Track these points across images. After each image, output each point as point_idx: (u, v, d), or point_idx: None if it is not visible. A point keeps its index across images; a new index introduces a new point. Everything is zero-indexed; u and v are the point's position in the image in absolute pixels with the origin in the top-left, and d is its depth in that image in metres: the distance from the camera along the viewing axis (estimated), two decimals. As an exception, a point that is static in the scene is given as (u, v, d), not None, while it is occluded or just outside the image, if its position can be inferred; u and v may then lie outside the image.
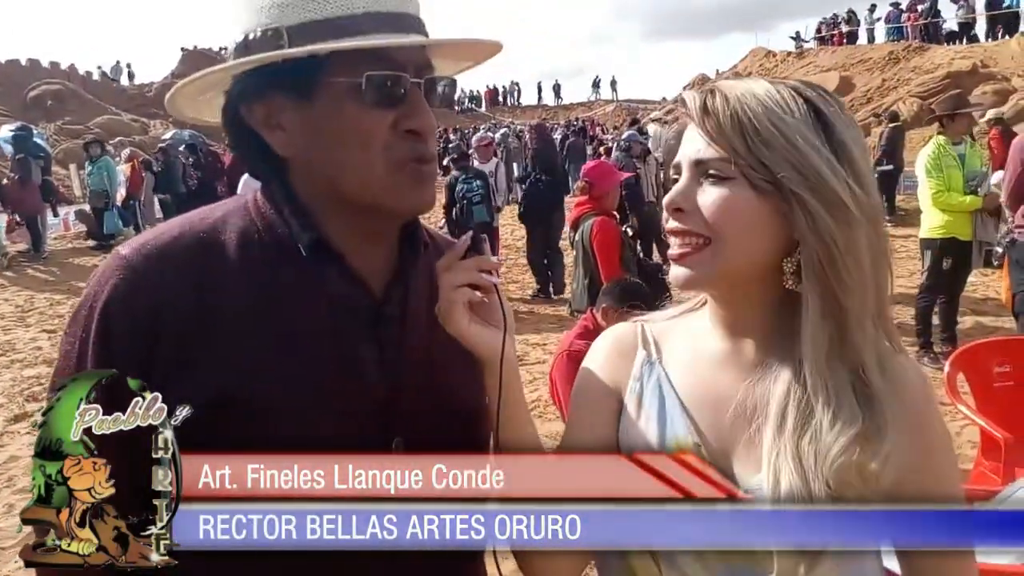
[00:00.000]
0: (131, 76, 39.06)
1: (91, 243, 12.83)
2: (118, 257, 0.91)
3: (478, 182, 7.71)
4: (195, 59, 34.15)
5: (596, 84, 51.02)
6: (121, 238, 13.11)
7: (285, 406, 0.87)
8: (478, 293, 0.90)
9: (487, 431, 0.96)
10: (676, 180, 0.94)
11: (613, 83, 50.59)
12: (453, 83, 0.98)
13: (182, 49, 36.47)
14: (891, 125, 11.62)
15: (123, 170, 13.13)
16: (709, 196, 0.89)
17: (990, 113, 11.26)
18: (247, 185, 8.43)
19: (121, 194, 12.82)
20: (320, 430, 0.88)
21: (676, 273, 0.93)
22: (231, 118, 0.94)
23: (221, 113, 0.95)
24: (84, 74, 35.16)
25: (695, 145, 0.91)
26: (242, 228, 0.94)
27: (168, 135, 18.25)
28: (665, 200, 0.93)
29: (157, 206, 13.31)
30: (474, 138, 10.16)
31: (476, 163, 8.33)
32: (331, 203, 0.93)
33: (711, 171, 0.89)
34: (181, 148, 13.91)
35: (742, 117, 0.87)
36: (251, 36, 0.89)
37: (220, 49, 37.59)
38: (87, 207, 13.39)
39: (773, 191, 0.87)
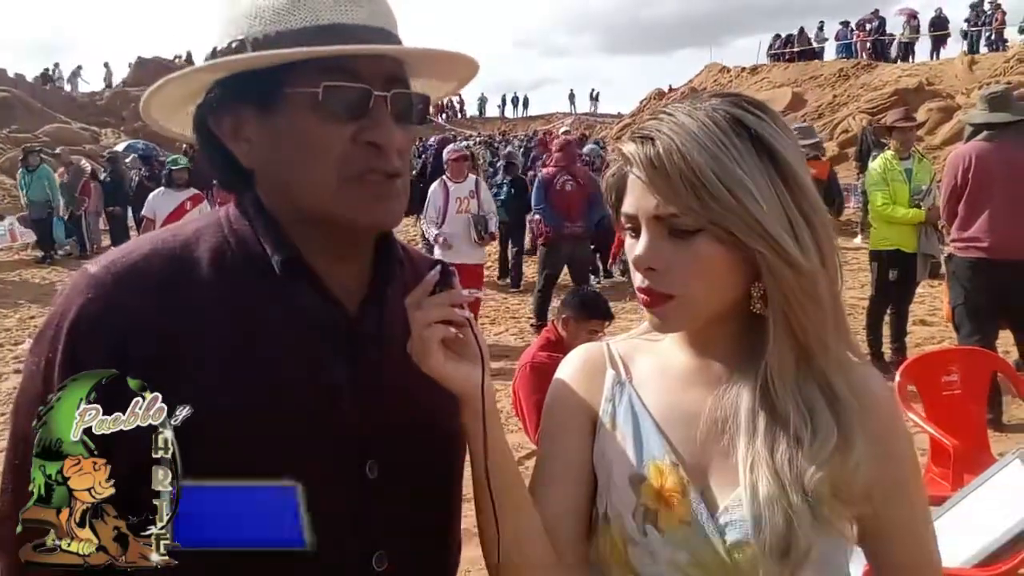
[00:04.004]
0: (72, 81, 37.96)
1: (38, 254, 12.37)
2: (86, 275, 0.87)
3: (506, 188, 9.48)
4: (148, 67, 33.49)
5: (595, 97, 50.96)
6: (67, 248, 12.69)
7: (257, 429, 0.85)
8: (452, 329, 0.88)
9: (463, 455, 0.95)
10: (631, 229, 0.93)
11: (572, 96, 51.03)
12: (426, 99, 0.96)
13: (139, 58, 35.68)
14: None
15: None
16: (679, 254, 0.89)
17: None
18: (150, 203, 7.52)
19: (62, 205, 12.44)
20: (294, 453, 0.87)
21: (651, 321, 0.95)
22: (201, 131, 0.93)
23: (192, 126, 0.94)
24: (33, 79, 34.25)
25: (649, 200, 0.89)
26: (214, 245, 0.91)
27: (121, 146, 17.80)
28: (634, 258, 0.92)
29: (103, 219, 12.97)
30: (445, 151, 7.84)
31: (449, 183, 6.93)
32: (296, 218, 0.91)
33: (674, 226, 0.89)
34: (128, 159, 13.58)
35: (691, 177, 0.85)
36: (218, 49, 0.89)
37: (174, 57, 37.01)
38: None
39: (735, 240, 0.87)
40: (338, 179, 0.86)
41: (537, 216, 7.43)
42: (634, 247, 0.92)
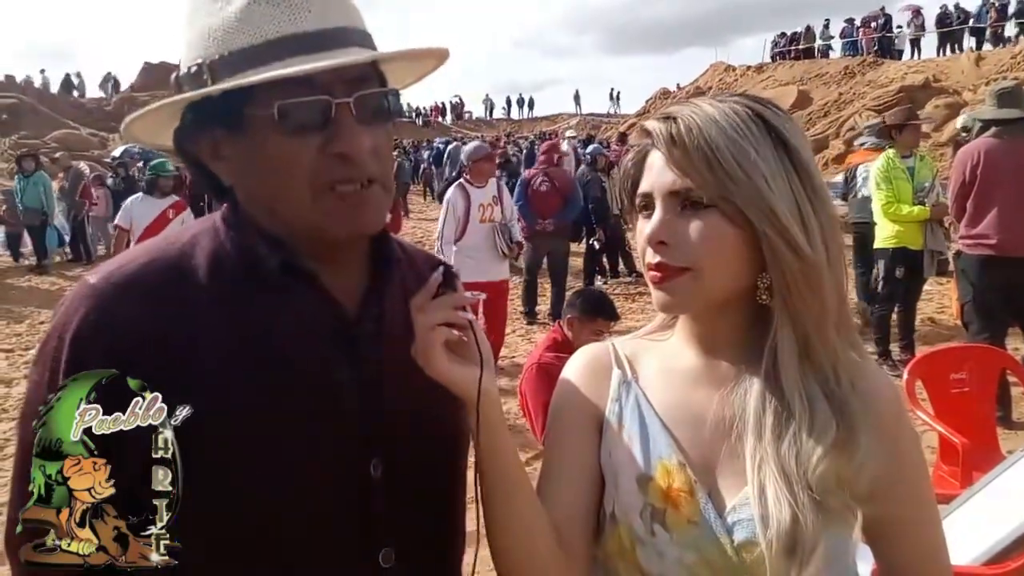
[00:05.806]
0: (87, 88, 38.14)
1: (30, 262, 12.05)
2: (87, 286, 0.87)
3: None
4: (155, 72, 33.63)
5: (614, 97, 50.62)
6: (59, 255, 12.51)
7: (259, 433, 0.85)
8: (455, 331, 0.87)
9: (467, 453, 0.95)
10: (645, 210, 0.95)
11: (576, 97, 50.98)
12: (396, 94, 0.94)
13: (146, 63, 35.85)
14: None
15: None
16: (691, 228, 0.91)
17: None
18: (126, 211, 6.83)
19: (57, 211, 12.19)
20: (296, 455, 0.87)
21: (659, 298, 0.95)
22: (183, 150, 0.93)
23: (173, 143, 0.94)
24: (39, 86, 34.47)
25: (666, 175, 0.92)
26: (212, 251, 0.92)
27: (118, 151, 17.71)
28: (648, 233, 0.93)
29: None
30: (464, 151, 6.50)
31: (470, 188, 5.85)
32: (283, 230, 0.91)
33: (688, 201, 0.91)
34: (140, 164, 13.55)
35: (707, 152, 0.88)
36: (181, 74, 0.89)
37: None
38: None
39: (745, 221, 0.89)
40: (311, 192, 0.86)
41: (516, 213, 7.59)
42: (646, 229, 0.94)
